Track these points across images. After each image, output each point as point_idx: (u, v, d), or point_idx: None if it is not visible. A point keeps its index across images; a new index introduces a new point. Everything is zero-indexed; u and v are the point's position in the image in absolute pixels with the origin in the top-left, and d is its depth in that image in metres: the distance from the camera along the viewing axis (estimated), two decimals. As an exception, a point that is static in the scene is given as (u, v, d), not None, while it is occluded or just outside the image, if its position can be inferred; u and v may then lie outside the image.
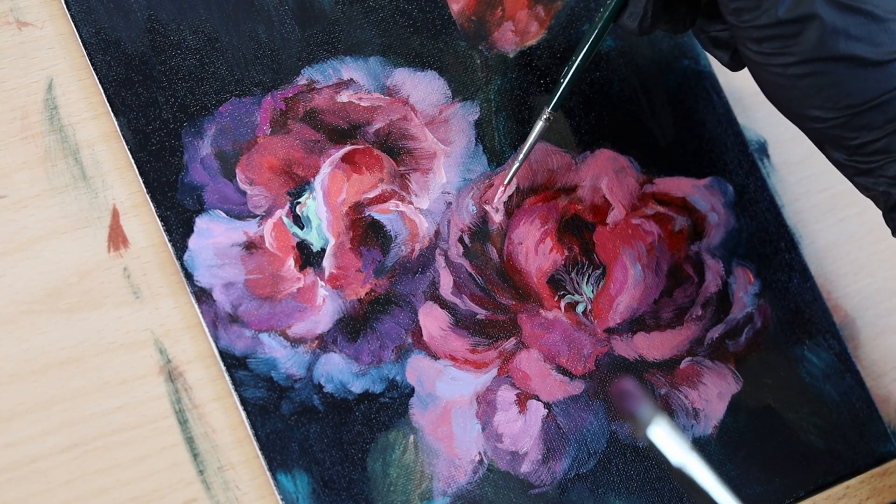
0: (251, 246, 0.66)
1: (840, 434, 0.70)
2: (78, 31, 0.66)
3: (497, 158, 0.69)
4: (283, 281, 0.66)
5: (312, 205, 0.67)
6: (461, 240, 0.68)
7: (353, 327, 0.66)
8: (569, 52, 0.71)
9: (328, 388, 0.65)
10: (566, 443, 0.67)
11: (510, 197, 0.69)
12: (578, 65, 0.66)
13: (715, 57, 0.66)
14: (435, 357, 0.67)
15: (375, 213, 0.67)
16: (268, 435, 0.64)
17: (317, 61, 0.68)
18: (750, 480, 0.69)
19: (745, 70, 0.75)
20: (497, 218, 0.68)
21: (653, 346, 0.69)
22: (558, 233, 0.69)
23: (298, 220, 0.66)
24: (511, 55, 0.71)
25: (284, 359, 0.65)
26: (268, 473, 0.64)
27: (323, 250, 0.66)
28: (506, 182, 0.68)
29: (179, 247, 0.65)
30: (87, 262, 0.64)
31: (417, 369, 0.66)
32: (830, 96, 0.60)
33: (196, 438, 0.64)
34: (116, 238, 0.65)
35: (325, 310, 0.66)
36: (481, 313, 0.68)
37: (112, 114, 0.65)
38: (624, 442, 0.68)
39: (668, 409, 0.69)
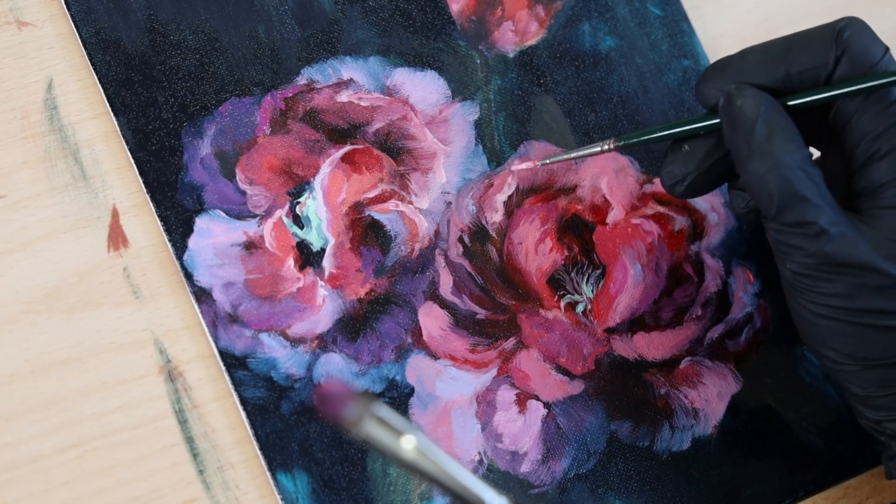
0: (251, 246, 0.66)
1: (840, 434, 0.70)
2: (78, 30, 0.66)
3: (497, 158, 0.69)
4: (282, 281, 0.66)
5: (312, 204, 0.67)
6: (461, 239, 0.68)
7: (352, 327, 0.66)
8: (569, 52, 0.71)
9: (328, 387, 0.65)
10: (566, 442, 0.67)
11: (510, 197, 0.69)
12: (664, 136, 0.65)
13: (733, 198, 0.65)
14: (435, 357, 0.67)
15: (375, 212, 0.67)
16: (268, 435, 0.64)
17: (317, 61, 0.68)
18: (750, 480, 0.69)
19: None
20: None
21: (652, 345, 0.69)
22: (558, 233, 0.69)
23: (298, 220, 0.66)
24: (511, 55, 0.71)
25: (284, 359, 0.65)
26: (267, 473, 0.64)
27: (323, 250, 0.66)
28: (542, 163, 0.67)
29: (179, 247, 0.65)
30: (87, 261, 0.64)
31: (417, 369, 0.66)
32: (849, 345, 0.60)
33: (196, 438, 0.64)
34: (116, 238, 0.65)
35: (324, 310, 0.66)
36: (481, 313, 0.68)
37: (112, 114, 0.65)
38: (624, 442, 0.68)
39: (668, 408, 0.69)
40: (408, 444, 0.52)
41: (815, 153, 0.65)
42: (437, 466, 0.52)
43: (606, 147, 0.66)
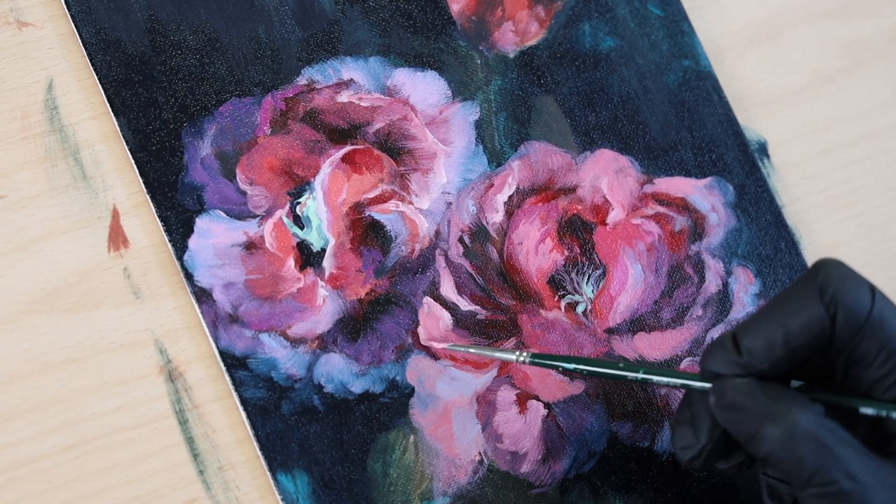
0: (251, 246, 0.66)
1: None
2: (78, 31, 0.66)
3: (497, 158, 0.69)
4: (283, 281, 0.66)
5: (312, 205, 0.67)
6: (461, 240, 0.68)
7: (353, 327, 0.66)
8: (569, 52, 0.71)
9: (328, 388, 0.65)
10: (566, 443, 0.67)
11: (510, 197, 0.69)
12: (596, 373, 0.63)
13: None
14: (435, 357, 0.67)
15: (375, 213, 0.67)
16: (268, 435, 0.64)
17: (317, 61, 0.68)
18: (750, 480, 0.69)
19: (746, 70, 0.75)
20: (497, 218, 0.68)
21: (653, 346, 0.69)
22: (558, 233, 0.69)
23: (298, 221, 0.66)
24: (511, 55, 0.71)
25: (284, 359, 0.65)
26: (268, 473, 0.64)
27: (323, 250, 0.66)
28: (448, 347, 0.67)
29: (179, 247, 0.65)
30: (87, 262, 0.64)
31: (417, 369, 0.66)
32: None
33: (196, 438, 0.64)
34: (116, 238, 0.65)
35: (325, 310, 0.66)
36: (481, 313, 0.68)
37: (112, 114, 0.65)
38: (624, 442, 0.68)
39: (669, 409, 0.69)
40: None
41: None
42: None
43: (521, 358, 0.64)
